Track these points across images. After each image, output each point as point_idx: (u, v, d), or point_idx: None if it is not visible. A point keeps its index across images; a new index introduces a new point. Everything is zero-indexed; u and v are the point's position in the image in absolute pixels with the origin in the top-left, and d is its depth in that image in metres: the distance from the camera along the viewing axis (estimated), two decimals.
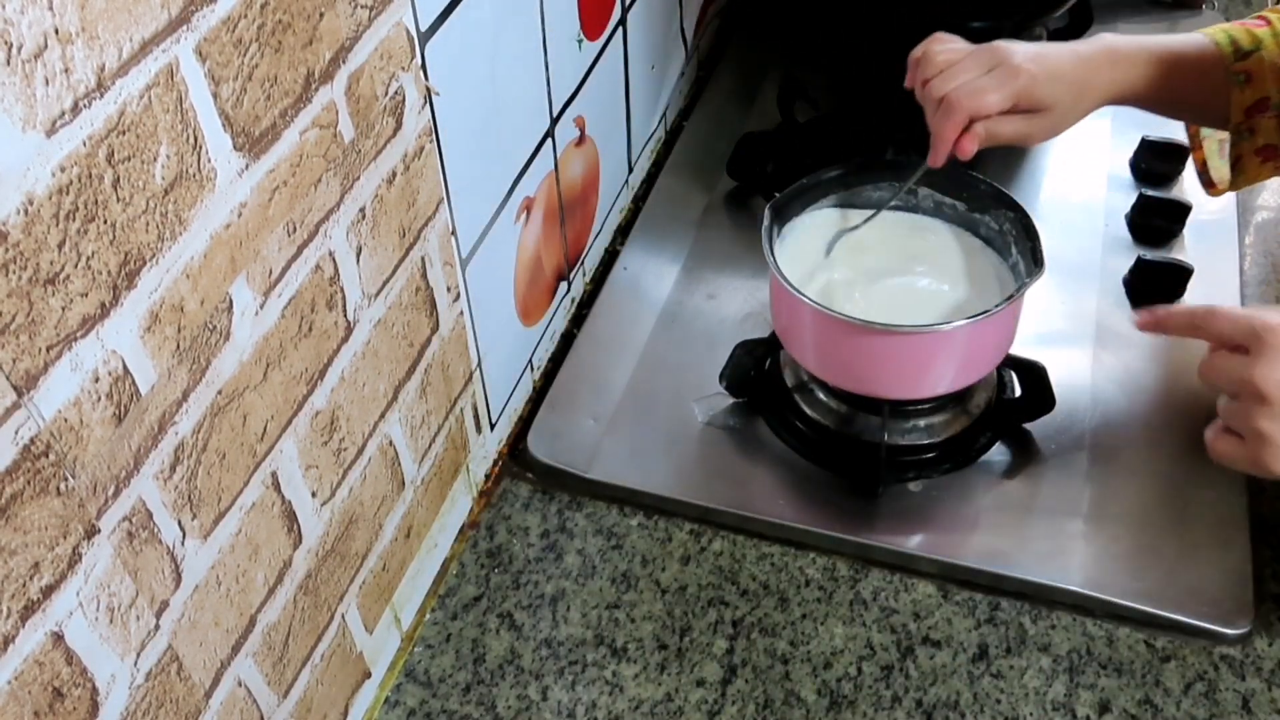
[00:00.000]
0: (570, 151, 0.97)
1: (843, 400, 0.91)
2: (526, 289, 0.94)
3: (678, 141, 1.22)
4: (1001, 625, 0.81)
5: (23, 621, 0.46)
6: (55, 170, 0.43)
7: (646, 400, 0.96)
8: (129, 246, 0.48)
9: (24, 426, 0.44)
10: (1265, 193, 1.14)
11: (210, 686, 0.60)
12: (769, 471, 0.91)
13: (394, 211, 0.69)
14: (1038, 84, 0.81)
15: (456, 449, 0.86)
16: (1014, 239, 0.87)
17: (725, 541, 0.87)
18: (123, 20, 0.45)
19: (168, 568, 0.55)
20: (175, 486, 0.54)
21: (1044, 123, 0.83)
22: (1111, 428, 0.91)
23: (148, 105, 0.47)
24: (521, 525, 0.89)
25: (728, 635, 0.81)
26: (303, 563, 0.67)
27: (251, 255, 0.56)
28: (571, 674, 0.80)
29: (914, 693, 0.78)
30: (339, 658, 0.74)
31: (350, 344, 0.67)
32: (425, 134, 0.71)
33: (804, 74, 1.18)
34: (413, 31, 0.67)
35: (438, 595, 0.85)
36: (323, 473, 0.67)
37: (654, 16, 1.13)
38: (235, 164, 0.53)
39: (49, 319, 0.45)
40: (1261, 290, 1.04)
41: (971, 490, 0.88)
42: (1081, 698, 0.77)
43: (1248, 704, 0.76)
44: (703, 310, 1.04)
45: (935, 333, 0.81)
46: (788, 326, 0.88)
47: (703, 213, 1.14)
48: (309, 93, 0.58)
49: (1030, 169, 1.16)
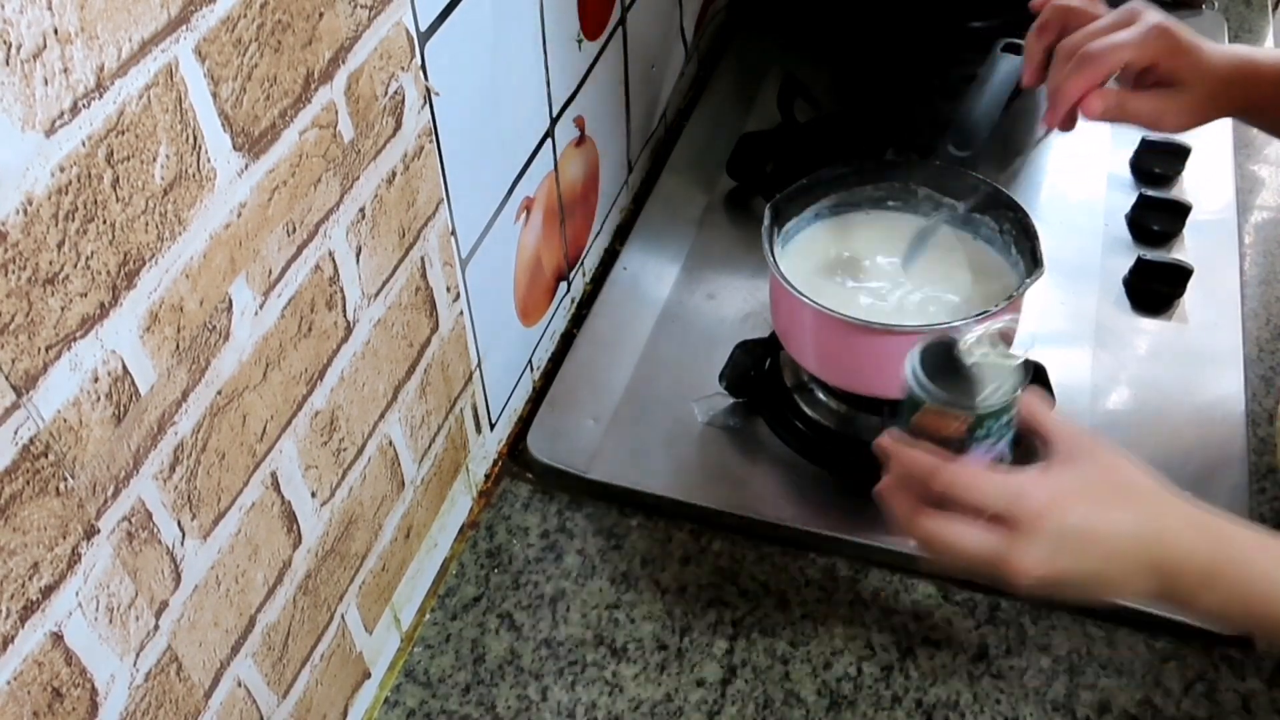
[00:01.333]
0: (570, 151, 0.97)
1: (843, 400, 0.91)
2: (526, 289, 0.94)
3: (678, 141, 1.22)
4: (1001, 625, 0.81)
5: (22, 621, 0.46)
6: (54, 170, 0.43)
7: (646, 400, 0.96)
8: (128, 246, 0.48)
9: (23, 426, 0.44)
10: (1265, 192, 1.14)
11: (210, 687, 0.60)
12: (769, 471, 0.91)
13: (394, 211, 0.69)
14: (1180, 51, 0.76)
15: (456, 449, 0.86)
16: (1014, 239, 0.87)
17: (725, 542, 0.87)
18: (122, 20, 0.45)
19: (167, 568, 0.55)
20: (175, 486, 0.54)
21: (1177, 104, 0.77)
22: (1111, 428, 0.91)
23: (147, 105, 0.47)
24: (521, 525, 0.89)
25: (728, 635, 0.81)
26: (302, 563, 0.67)
27: (251, 255, 0.56)
28: (571, 674, 0.80)
29: (914, 693, 0.78)
30: (339, 658, 0.74)
31: (350, 344, 0.67)
32: (425, 134, 0.71)
33: (804, 74, 1.18)
34: (412, 31, 0.67)
35: (437, 595, 0.85)
36: (322, 473, 0.67)
37: (654, 16, 1.13)
38: (235, 164, 0.53)
39: (48, 319, 0.44)
40: (1262, 290, 1.04)
41: None
42: (1081, 698, 0.77)
43: (1248, 704, 0.76)
44: (703, 310, 1.04)
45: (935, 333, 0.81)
46: (788, 326, 0.88)
47: (703, 213, 1.14)
48: (308, 93, 0.58)
49: (1030, 169, 1.16)
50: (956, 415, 0.65)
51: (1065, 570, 0.61)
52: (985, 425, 0.65)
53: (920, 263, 0.88)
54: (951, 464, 0.63)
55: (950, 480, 0.63)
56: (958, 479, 0.63)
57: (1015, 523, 0.61)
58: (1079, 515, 0.61)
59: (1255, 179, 1.16)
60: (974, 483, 0.62)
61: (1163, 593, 0.62)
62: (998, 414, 0.65)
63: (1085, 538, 0.61)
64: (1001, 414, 0.66)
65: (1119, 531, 0.61)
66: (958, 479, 0.63)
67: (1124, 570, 0.61)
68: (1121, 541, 0.61)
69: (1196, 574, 0.60)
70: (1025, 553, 0.61)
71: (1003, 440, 0.67)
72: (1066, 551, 0.61)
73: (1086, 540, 0.61)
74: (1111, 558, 0.61)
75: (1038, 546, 0.61)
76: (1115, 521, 0.61)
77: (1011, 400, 0.65)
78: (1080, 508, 0.61)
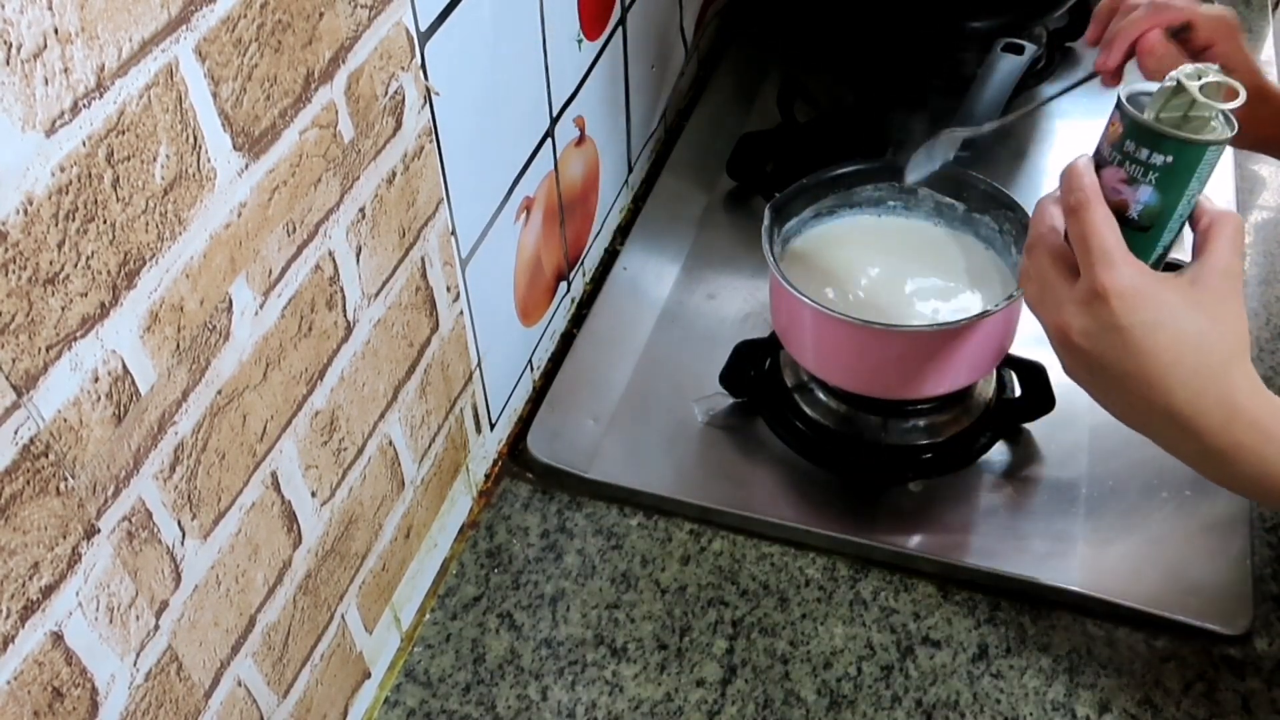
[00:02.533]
0: (570, 151, 0.97)
1: (843, 400, 0.91)
2: (526, 289, 0.94)
3: (678, 141, 1.22)
4: (1001, 625, 0.81)
5: (22, 621, 0.46)
6: (55, 170, 0.43)
7: (646, 400, 0.96)
8: (129, 246, 0.48)
9: (24, 426, 0.44)
10: (1265, 193, 1.14)
11: (210, 686, 0.60)
12: (769, 471, 0.91)
13: (394, 211, 0.69)
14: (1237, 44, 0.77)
15: (456, 449, 0.86)
16: (1014, 239, 0.87)
17: (725, 541, 0.87)
18: (122, 20, 0.45)
19: (167, 568, 0.55)
20: (175, 486, 0.54)
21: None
22: (1111, 428, 0.90)
23: (147, 105, 0.47)
24: (521, 525, 0.89)
25: (728, 635, 0.81)
26: (302, 563, 0.67)
27: (251, 255, 0.56)
28: (571, 674, 0.80)
29: (914, 693, 0.78)
30: (339, 658, 0.74)
31: (350, 344, 0.67)
32: (425, 134, 0.71)
33: (804, 74, 1.18)
34: (412, 31, 0.67)
35: (437, 595, 0.85)
36: (322, 473, 0.67)
37: (654, 16, 1.13)
38: (235, 164, 0.53)
39: (49, 319, 0.44)
40: (1261, 290, 1.04)
41: (971, 490, 0.88)
42: (1081, 698, 0.77)
43: (1248, 704, 0.76)
44: (703, 310, 1.04)
45: (935, 332, 0.81)
46: (787, 326, 0.88)
47: (703, 213, 1.14)
48: (309, 93, 0.58)
49: (1030, 169, 1.16)
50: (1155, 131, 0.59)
51: (1104, 356, 0.60)
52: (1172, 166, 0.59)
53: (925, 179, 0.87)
54: (1096, 199, 0.60)
55: (1080, 200, 0.59)
56: (1087, 204, 0.59)
57: (1090, 284, 0.59)
58: (1150, 315, 0.58)
59: (1255, 179, 1.16)
60: (1095, 223, 0.59)
61: (1207, 428, 0.60)
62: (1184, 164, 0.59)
63: (1144, 343, 0.59)
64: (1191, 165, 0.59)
65: (1184, 344, 0.59)
66: (1087, 204, 0.59)
67: (1178, 381, 0.59)
68: (1185, 351, 0.59)
69: (1248, 423, 0.58)
70: (1074, 318, 0.60)
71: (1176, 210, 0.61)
72: (1118, 347, 0.59)
73: (1145, 345, 0.59)
74: (1168, 364, 0.59)
75: (1089, 320, 0.59)
76: (1184, 344, 0.59)
77: (1205, 152, 0.59)
78: (1154, 311, 0.58)
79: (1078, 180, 0.61)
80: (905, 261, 0.90)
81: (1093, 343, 0.60)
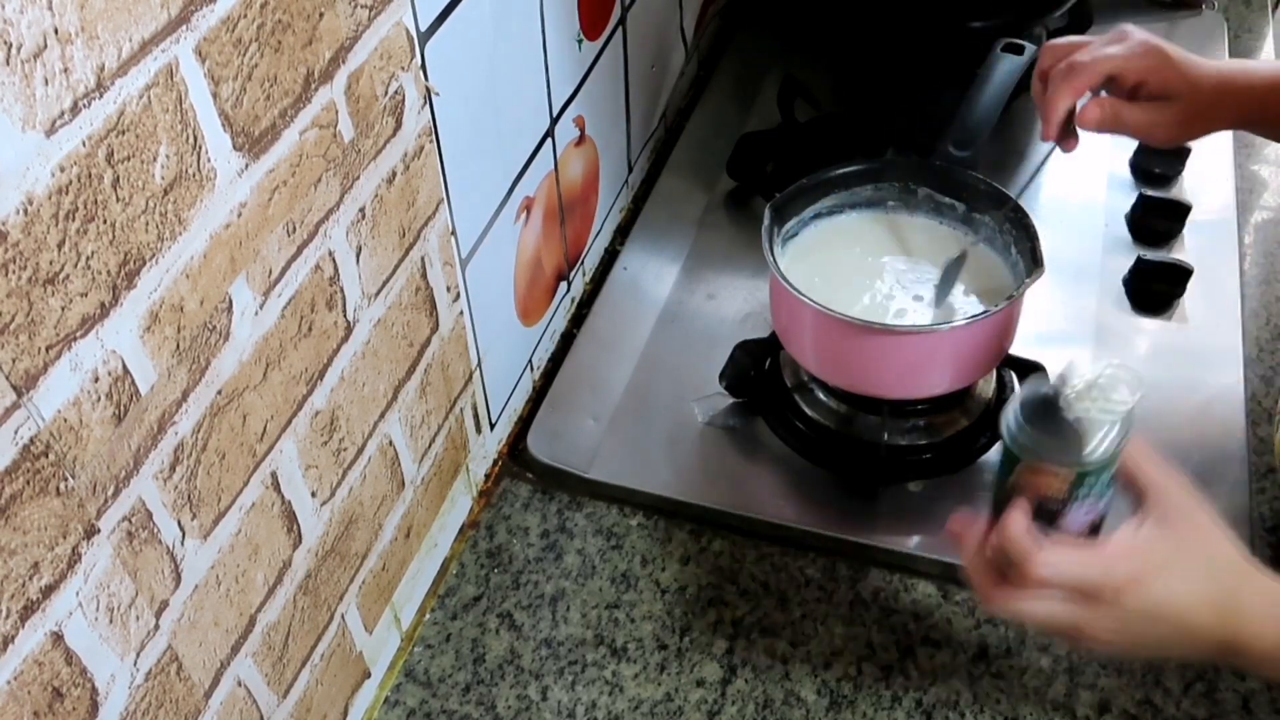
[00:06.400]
0: (570, 151, 0.97)
1: (843, 400, 0.91)
2: (526, 289, 0.94)
3: (678, 141, 1.22)
4: (1001, 625, 0.81)
5: (22, 621, 0.46)
6: (55, 170, 0.43)
7: (646, 400, 0.96)
8: (129, 246, 0.48)
9: (24, 426, 0.44)
10: (1265, 193, 1.14)
11: (210, 686, 0.60)
12: (769, 471, 0.91)
13: (394, 211, 0.69)
14: (1170, 65, 0.78)
15: (456, 449, 0.86)
16: (1014, 239, 0.87)
17: (725, 541, 0.87)
18: (122, 20, 0.45)
19: (167, 568, 0.55)
20: (175, 486, 0.54)
21: (1169, 116, 0.79)
22: None
23: (147, 105, 0.47)
24: (521, 525, 0.89)
25: (728, 635, 0.81)
26: (302, 563, 0.67)
27: (251, 255, 0.56)
28: (571, 674, 0.80)
29: (914, 693, 0.78)
30: (339, 658, 0.74)
31: (350, 344, 0.67)
32: (425, 134, 0.71)
33: (804, 74, 1.18)
34: (412, 31, 0.67)
35: (437, 595, 0.85)
36: (322, 473, 0.67)
37: (654, 16, 1.13)
38: (235, 164, 0.53)
39: (49, 319, 0.44)
40: (1261, 290, 1.04)
41: (971, 490, 0.88)
42: (1081, 698, 0.77)
43: (1248, 704, 0.76)
44: (703, 310, 1.04)
45: (935, 333, 0.81)
46: (788, 326, 0.88)
47: (703, 213, 1.14)
48: (309, 93, 0.58)
49: (1030, 169, 1.16)
50: (1058, 472, 0.62)
51: (1139, 638, 0.63)
52: (1088, 482, 0.63)
53: (952, 296, 0.87)
54: (1041, 552, 0.62)
55: (1040, 572, 0.62)
56: (1047, 567, 0.62)
57: (1098, 596, 0.61)
58: (1161, 589, 0.61)
59: (1255, 179, 1.16)
60: (1063, 567, 0.62)
61: (1225, 661, 0.67)
62: (1101, 470, 0.63)
63: (1163, 611, 0.62)
64: (1105, 469, 0.63)
65: (1197, 608, 0.62)
66: (1047, 567, 0.62)
67: (1194, 642, 0.63)
68: (1198, 618, 0.62)
69: (1259, 655, 0.62)
70: (1104, 625, 0.62)
71: (1104, 499, 0.65)
72: (1143, 623, 0.62)
73: (1164, 613, 0.62)
74: (1184, 630, 0.62)
75: (1115, 619, 0.62)
76: (1195, 596, 0.62)
77: (1117, 453, 0.63)
78: (1162, 581, 0.62)
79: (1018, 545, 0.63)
80: (905, 261, 0.90)
81: (1127, 635, 0.63)
